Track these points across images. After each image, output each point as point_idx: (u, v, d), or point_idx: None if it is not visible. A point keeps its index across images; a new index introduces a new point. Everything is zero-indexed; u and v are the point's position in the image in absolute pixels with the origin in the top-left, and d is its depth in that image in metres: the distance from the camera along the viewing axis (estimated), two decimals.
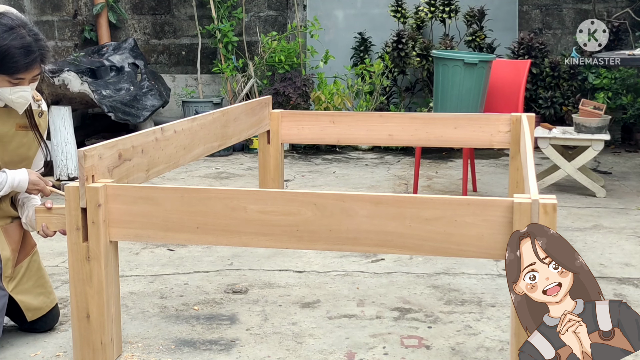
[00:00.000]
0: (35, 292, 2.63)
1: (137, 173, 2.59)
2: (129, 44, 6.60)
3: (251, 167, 5.85)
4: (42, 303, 2.64)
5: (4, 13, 2.42)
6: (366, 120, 3.87)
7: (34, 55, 2.40)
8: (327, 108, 6.22)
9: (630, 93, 6.25)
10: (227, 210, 2.21)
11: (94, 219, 2.25)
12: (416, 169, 4.83)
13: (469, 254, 2.08)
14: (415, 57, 6.47)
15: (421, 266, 3.39)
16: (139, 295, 3.06)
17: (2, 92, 2.41)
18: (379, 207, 2.11)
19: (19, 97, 2.44)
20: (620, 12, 6.55)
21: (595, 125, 4.69)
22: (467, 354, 2.48)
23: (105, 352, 2.33)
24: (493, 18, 6.61)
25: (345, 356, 2.47)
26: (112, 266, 2.33)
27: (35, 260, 2.65)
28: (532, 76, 6.31)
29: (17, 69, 2.38)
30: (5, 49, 2.35)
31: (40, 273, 2.67)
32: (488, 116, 3.76)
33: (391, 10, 6.68)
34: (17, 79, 2.40)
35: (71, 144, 5.08)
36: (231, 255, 3.57)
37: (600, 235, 3.85)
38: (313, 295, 3.04)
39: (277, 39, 6.61)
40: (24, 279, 2.60)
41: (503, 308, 2.87)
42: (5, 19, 2.39)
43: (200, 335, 2.65)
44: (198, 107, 6.55)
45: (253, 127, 3.77)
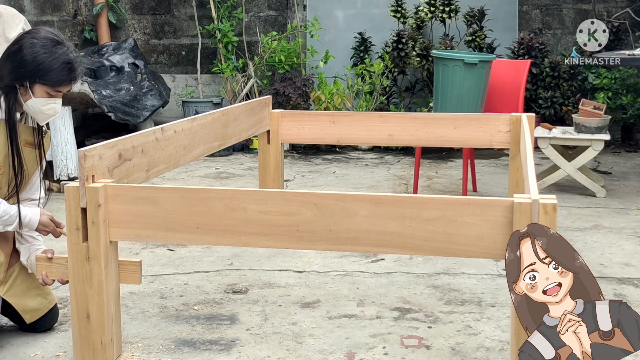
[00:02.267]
0: (31, 294, 2.64)
1: (137, 173, 2.59)
2: (129, 44, 6.60)
3: (251, 167, 5.85)
4: (39, 304, 2.64)
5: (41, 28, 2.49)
6: (366, 120, 3.87)
7: (77, 71, 2.48)
8: (327, 108, 6.22)
9: (630, 93, 6.25)
10: (227, 210, 2.21)
11: (94, 219, 2.25)
12: (416, 169, 4.83)
13: (469, 254, 2.08)
14: (415, 57, 6.47)
15: (421, 266, 3.39)
16: (139, 295, 3.06)
17: (37, 102, 2.46)
18: (379, 207, 2.11)
19: (49, 108, 2.49)
20: (620, 12, 6.55)
21: (595, 125, 4.69)
22: (467, 354, 2.48)
23: (105, 352, 2.34)
24: (493, 18, 6.60)
25: (345, 356, 2.47)
26: (112, 266, 2.33)
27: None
28: (532, 76, 6.31)
29: (61, 82, 2.45)
30: (55, 62, 2.42)
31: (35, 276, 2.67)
32: (488, 116, 3.76)
33: (391, 10, 6.68)
34: (57, 91, 2.47)
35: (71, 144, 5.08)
36: (231, 255, 3.57)
37: (600, 235, 3.85)
38: (313, 295, 3.04)
39: (277, 39, 6.61)
40: (16, 282, 2.61)
41: (503, 308, 2.87)
42: (48, 33, 2.47)
43: (200, 335, 2.65)
44: (198, 107, 6.55)
45: (253, 127, 3.77)
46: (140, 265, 2.40)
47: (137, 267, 2.39)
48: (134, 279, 2.41)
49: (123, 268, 2.40)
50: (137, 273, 2.40)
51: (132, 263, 2.40)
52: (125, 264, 2.40)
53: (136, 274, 2.40)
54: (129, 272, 2.40)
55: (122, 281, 2.41)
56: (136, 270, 2.40)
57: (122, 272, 2.40)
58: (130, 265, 2.40)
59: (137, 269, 2.39)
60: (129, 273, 2.40)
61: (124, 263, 2.41)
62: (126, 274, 2.40)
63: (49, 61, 2.41)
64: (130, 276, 2.41)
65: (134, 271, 2.40)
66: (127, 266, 2.40)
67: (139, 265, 2.39)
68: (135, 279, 2.41)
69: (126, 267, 2.40)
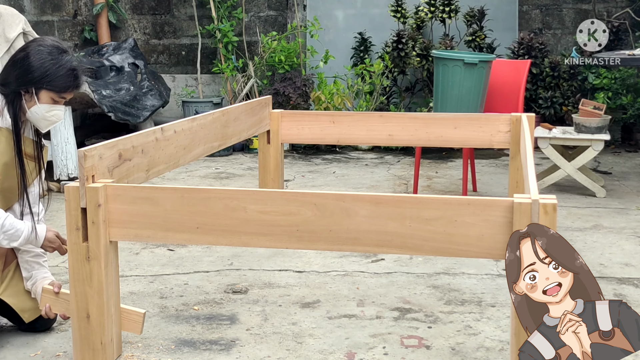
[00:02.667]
0: (28, 294, 2.64)
1: (137, 173, 2.59)
2: (129, 44, 6.59)
3: (251, 167, 5.85)
4: (37, 303, 2.64)
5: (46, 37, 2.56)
6: (366, 120, 3.88)
7: (81, 78, 2.55)
8: (327, 108, 6.22)
9: (630, 93, 6.25)
10: (227, 210, 2.21)
11: (94, 219, 2.25)
12: (416, 169, 4.83)
13: (469, 254, 2.08)
14: (415, 57, 6.47)
15: (421, 266, 3.39)
16: (139, 295, 3.06)
17: (42, 108, 2.49)
18: (379, 207, 2.11)
19: (53, 115, 2.53)
20: (620, 12, 6.55)
21: (595, 125, 4.69)
22: (467, 354, 2.48)
23: (105, 352, 2.34)
24: (493, 18, 6.60)
25: (345, 356, 2.47)
26: (112, 266, 2.33)
27: None
28: (532, 76, 6.31)
29: (67, 87, 2.50)
30: (61, 69, 2.47)
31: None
32: (488, 116, 3.76)
33: (391, 10, 6.68)
34: (61, 97, 2.52)
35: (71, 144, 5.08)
36: (231, 255, 3.57)
37: (600, 235, 3.85)
38: (313, 295, 3.04)
39: (277, 39, 6.61)
40: (12, 282, 2.61)
41: (503, 308, 2.87)
42: (54, 42, 2.52)
43: (200, 335, 2.65)
44: (198, 107, 6.55)
45: (253, 127, 3.77)
46: (144, 317, 2.42)
47: (140, 318, 2.41)
48: (135, 329, 2.43)
49: (126, 316, 2.42)
50: (139, 323, 2.42)
51: (136, 313, 2.42)
52: (129, 313, 2.42)
53: (138, 324, 2.42)
54: (131, 320, 2.42)
55: (124, 328, 2.43)
56: (139, 320, 2.41)
57: (125, 320, 2.42)
58: (134, 315, 2.42)
59: (140, 320, 2.41)
60: (131, 322, 2.42)
61: (128, 312, 2.42)
62: (128, 322, 2.42)
63: (55, 67, 2.46)
64: (132, 325, 2.42)
65: (136, 321, 2.42)
66: (131, 315, 2.42)
67: (142, 317, 2.41)
68: (137, 329, 2.43)
69: (130, 315, 2.42)
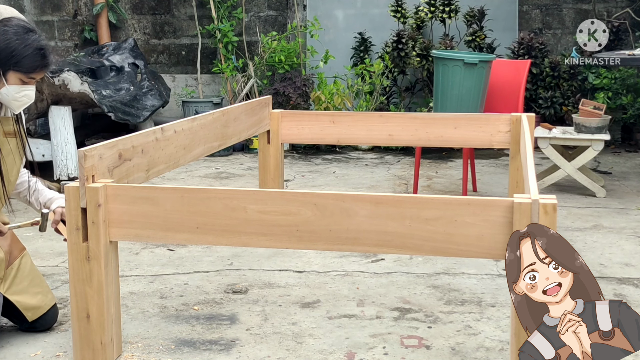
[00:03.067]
0: (32, 292, 2.64)
1: (137, 173, 2.59)
2: (129, 44, 6.60)
3: (251, 167, 5.85)
4: (40, 302, 2.65)
5: (13, 17, 2.46)
6: (366, 120, 3.87)
7: (50, 57, 2.47)
8: (327, 108, 6.22)
9: (630, 93, 6.25)
10: (227, 210, 2.21)
11: (94, 219, 2.25)
12: (416, 169, 4.83)
13: (469, 254, 2.08)
14: (415, 57, 6.47)
15: (421, 266, 3.39)
16: (139, 295, 3.06)
17: (11, 90, 2.44)
18: (379, 207, 2.11)
19: (23, 95, 2.47)
20: (620, 12, 6.55)
21: (595, 125, 4.69)
22: (467, 354, 2.48)
23: (105, 352, 2.34)
24: (493, 18, 6.60)
25: (345, 356, 2.47)
26: (112, 266, 2.33)
27: (26, 262, 2.66)
28: (532, 76, 6.31)
29: (34, 68, 2.43)
30: (27, 49, 2.40)
31: (35, 273, 2.68)
32: (488, 116, 3.76)
33: (391, 10, 6.68)
34: (30, 78, 2.46)
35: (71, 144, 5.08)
36: (231, 255, 3.57)
37: (600, 235, 3.85)
38: (313, 295, 3.04)
39: (277, 39, 6.61)
40: (16, 280, 2.61)
41: (503, 308, 2.87)
42: (19, 21, 2.45)
43: (200, 335, 2.65)
44: (198, 107, 6.55)
45: (253, 127, 3.77)
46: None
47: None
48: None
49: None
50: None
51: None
52: None
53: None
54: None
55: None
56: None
57: None
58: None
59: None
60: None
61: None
62: None
63: (21, 47, 2.39)
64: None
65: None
66: None
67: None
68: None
69: None
